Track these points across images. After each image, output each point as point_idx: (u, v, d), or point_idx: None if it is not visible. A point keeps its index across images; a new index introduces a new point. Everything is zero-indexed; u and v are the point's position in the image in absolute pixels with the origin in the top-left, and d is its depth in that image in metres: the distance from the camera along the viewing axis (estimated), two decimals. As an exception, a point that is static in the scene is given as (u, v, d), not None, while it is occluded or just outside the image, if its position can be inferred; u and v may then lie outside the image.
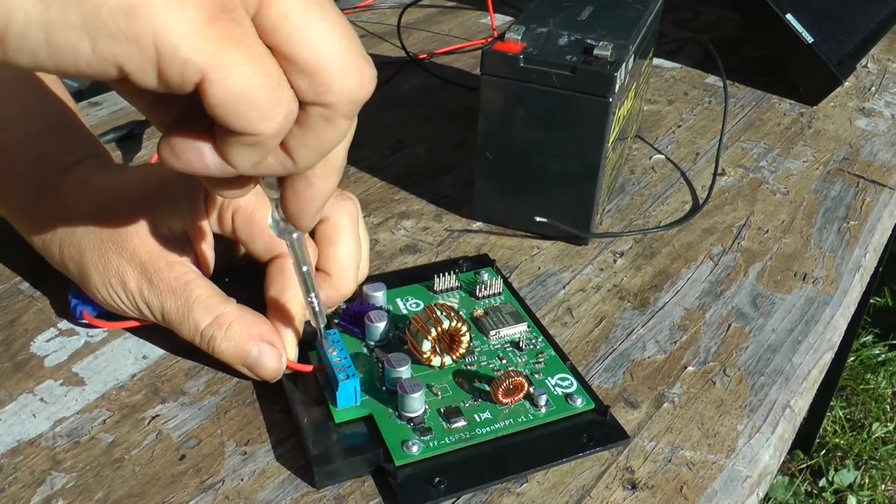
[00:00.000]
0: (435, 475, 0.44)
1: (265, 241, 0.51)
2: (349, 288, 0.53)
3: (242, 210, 0.51)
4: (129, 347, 0.53)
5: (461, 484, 0.45)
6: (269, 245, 0.51)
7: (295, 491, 0.44)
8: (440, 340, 0.50)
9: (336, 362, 0.48)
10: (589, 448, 0.47)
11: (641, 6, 0.71)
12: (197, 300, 0.49)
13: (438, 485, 0.44)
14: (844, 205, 0.74)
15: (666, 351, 0.56)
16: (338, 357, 0.48)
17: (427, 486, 0.44)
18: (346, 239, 0.52)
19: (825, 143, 0.85)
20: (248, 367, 0.49)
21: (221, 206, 0.51)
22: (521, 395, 0.49)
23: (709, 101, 0.92)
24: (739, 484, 0.47)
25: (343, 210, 0.53)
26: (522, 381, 0.48)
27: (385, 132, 0.55)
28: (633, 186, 0.75)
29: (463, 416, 0.48)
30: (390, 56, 0.97)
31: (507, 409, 0.48)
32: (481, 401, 0.49)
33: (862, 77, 1.01)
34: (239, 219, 0.51)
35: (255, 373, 0.49)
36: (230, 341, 0.48)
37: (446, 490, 0.44)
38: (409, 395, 0.47)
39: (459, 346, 0.51)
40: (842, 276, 0.65)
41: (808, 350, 0.57)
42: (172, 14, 0.29)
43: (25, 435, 0.47)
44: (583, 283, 0.62)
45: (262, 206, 0.51)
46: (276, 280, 0.51)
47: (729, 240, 0.68)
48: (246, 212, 0.51)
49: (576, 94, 0.59)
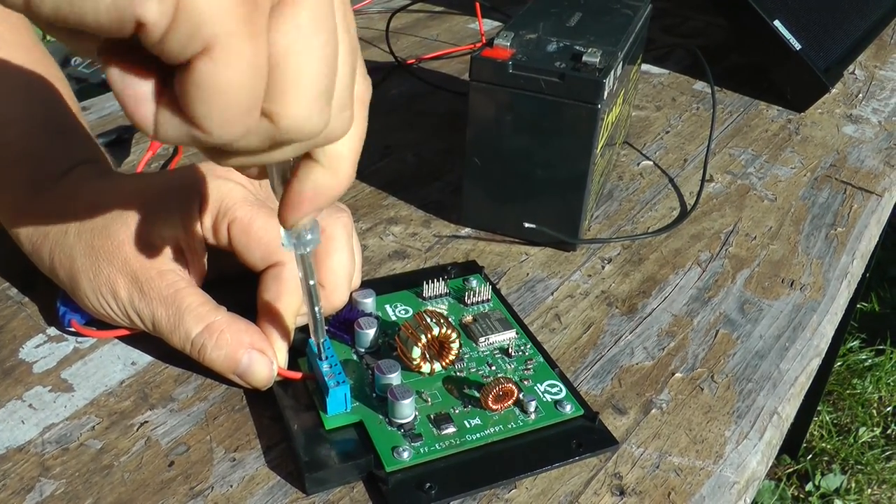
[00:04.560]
0: (425, 481, 0.45)
1: (262, 251, 0.51)
2: (341, 300, 0.53)
3: (238, 221, 0.50)
4: (117, 354, 0.53)
5: (451, 489, 0.45)
6: (266, 255, 0.51)
7: (284, 497, 0.44)
8: (430, 347, 0.50)
9: (326, 369, 0.48)
10: (578, 454, 0.47)
11: (630, 12, 0.71)
12: (188, 308, 0.49)
13: (429, 490, 0.44)
14: (832, 211, 0.75)
15: (654, 357, 0.56)
16: (328, 364, 0.48)
17: (417, 492, 0.44)
18: (340, 251, 0.52)
19: (813, 149, 0.85)
20: (238, 376, 0.49)
21: (216, 217, 0.51)
22: (511, 401, 0.49)
23: (697, 107, 0.92)
24: (727, 490, 0.47)
25: (338, 222, 0.53)
26: (512, 387, 0.48)
27: (373, 137, 0.55)
28: (621, 192, 0.75)
29: (453, 422, 0.48)
30: (379, 61, 0.98)
31: (496, 416, 0.49)
32: (471, 407, 0.49)
33: (849, 84, 1.02)
34: (235, 229, 0.51)
35: (246, 381, 0.49)
36: (220, 350, 0.48)
37: (437, 496, 0.44)
38: (399, 401, 0.47)
39: (449, 353, 0.51)
40: (829, 283, 0.65)
41: (796, 356, 0.57)
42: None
43: (14, 441, 0.47)
44: (571, 290, 0.62)
45: (258, 216, 0.51)
46: (271, 287, 0.51)
47: (717, 246, 0.68)
48: (242, 222, 0.50)
49: (564, 100, 0.59)
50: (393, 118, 0.85)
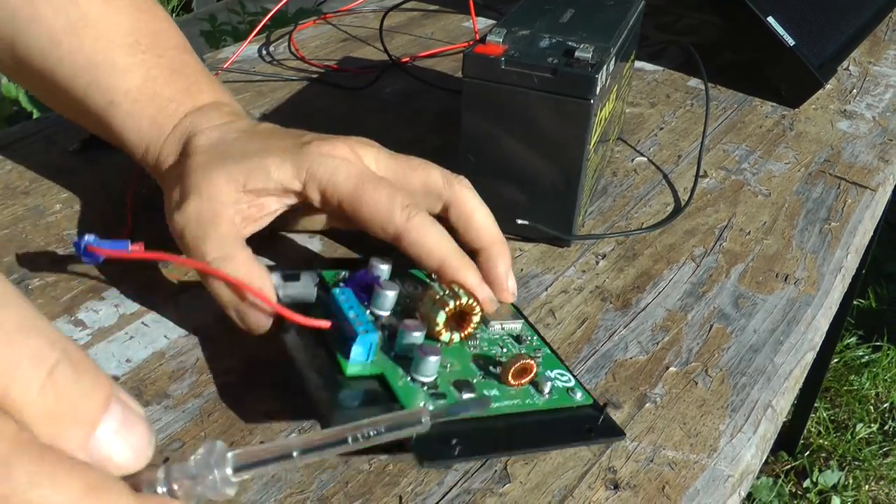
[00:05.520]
0: (451, 437, 0.43)
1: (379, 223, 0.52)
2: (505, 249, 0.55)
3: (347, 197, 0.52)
4: (112, 351, 0.53)
5: (475, 450, 0.44)
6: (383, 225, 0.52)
7: (279, 493, 0.44)
8: (453, 316, 0.50)
9: (353, 317, 0.47)
10: (591, 439, 0.47)
11: (623, 9, 0.71)
12: (216, 232, 0.50)
13: (455, 446, 0.43)
14: (826, 206, 0.75)
15: (648, 352, 0.56)
16: (354, 313, 0.47)
17: (443, 447, 0.43)
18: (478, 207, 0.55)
19: (807, 145, 0.85)
20: (237, 313, 0.50)
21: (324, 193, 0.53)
22: (529, 377, 0.48)
23: (691, 103, 0.93)
24: (721, 483, 0.47)
25: (461, 184, 0.56)
26: (532, 363, 0.48)
27: (367, 136, 0.55)
28: (615, 188, 0.75)
29: (474, 389, 0.47)
30: (373, 59, 0.98)
31: (513, 391, 0.48)
32: (490, 379, 0.49)
33: (843, 79, 1.02)
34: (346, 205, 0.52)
35: (243, 320, 0.50)
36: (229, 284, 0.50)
37: (461, 453, 0.43)
38: (427, 356, 0.46)
39: (469, 325, 0.49)
40: (823, 277, 0.65)
41: (790, 350, 0.57)
42: None
43: (8, 439, 0.47)
44: (565, 285, 0.62)
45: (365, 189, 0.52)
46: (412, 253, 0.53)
47: (711, 241, 0.68)
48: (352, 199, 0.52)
49: (557, 95, 0.60)
50: (387, 116, 0.85)
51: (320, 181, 0.52)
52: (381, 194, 0.52)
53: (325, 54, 0.98)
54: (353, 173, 0.52)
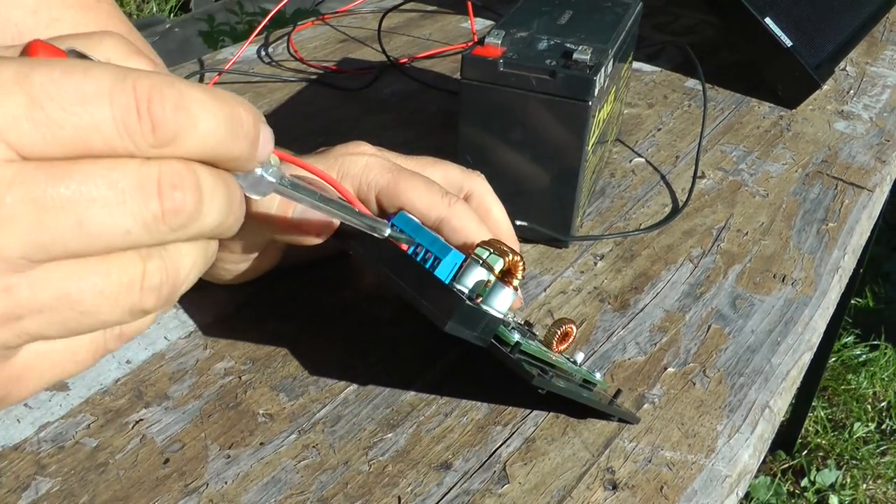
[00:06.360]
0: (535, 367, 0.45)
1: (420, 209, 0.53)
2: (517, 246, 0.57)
3: (384, 189, 0.53)
4: (112, 352, 0.53)
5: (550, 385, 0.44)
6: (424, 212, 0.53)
7: (279, 493, 0.45)
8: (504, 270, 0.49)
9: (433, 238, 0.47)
10: (617, 413, 0.49)
11: (621, 10, 0.71)
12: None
13: (543, 374, 0.44)
14: (823, 207, 0.75)
15: (646, 352, 0.56)
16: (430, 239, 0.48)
17: (535, 369, 0.44)
18: (494, 204, 0.57)
19: (804, 145, 0.86)
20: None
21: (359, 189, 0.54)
22: (568, 343, 0.50)
23: (688, 104, 0.93)
24: (719, 483, 0.47)
25: (478, 180, 0.57)
26: (572, 327, 0.49)
27: (365, 137, 0.55)
28: (613, 189, 0.75)
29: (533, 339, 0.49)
30: (371, 60, 0.98)
31: (554, 355, 0.49)
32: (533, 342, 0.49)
33: (840, 80, 1.02)
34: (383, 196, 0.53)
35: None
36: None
37: (544, 382, 0.44)
38: (506, 287, 0.45)
39: (513, 279, 0.48)
40: (820, 278, 0.65)
41: (787, 351, 0.58)
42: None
43: (10, 440, 0.47)
44: (563, 286, 0.62)
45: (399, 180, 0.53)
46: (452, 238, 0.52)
47: (708, 242, 0.68)
48: (388, 189, 0.53)
49: (555, 97, 0.60)
50: (385, 117, 0.85)
51: (354, 177, 0.53)
52: (419, 184, 0.53)
53: (324, 55, 0.98)
54: (387, 167, 0.53)
